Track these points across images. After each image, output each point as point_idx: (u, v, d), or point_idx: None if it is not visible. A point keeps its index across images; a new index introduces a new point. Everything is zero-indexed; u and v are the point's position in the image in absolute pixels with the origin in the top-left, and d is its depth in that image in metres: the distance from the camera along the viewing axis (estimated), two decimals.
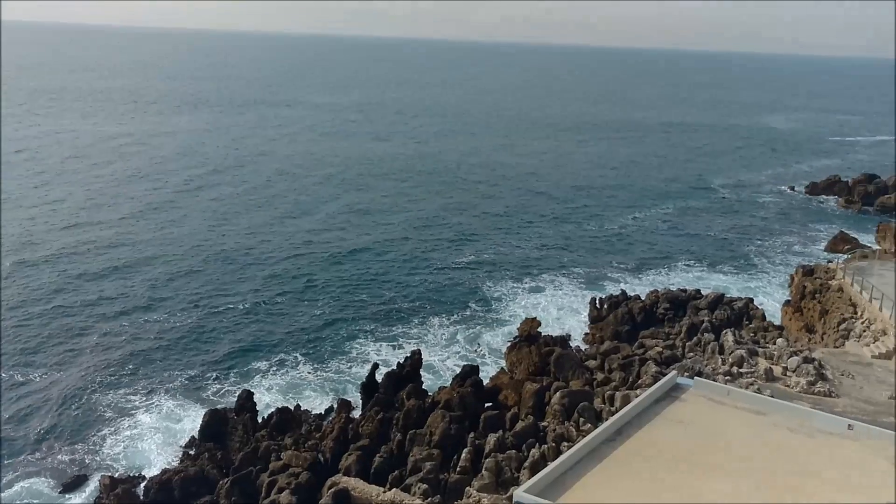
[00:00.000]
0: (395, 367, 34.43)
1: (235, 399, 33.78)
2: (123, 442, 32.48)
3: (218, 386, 37.61)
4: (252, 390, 34.64)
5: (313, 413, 34.10)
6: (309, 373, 39.24)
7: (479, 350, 42.46)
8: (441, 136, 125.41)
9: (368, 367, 35.88)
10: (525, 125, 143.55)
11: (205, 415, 32.29)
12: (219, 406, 34.12)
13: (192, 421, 33.65)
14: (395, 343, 42.95)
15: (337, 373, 39.38)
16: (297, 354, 41.00)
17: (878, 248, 54.31)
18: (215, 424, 31.71)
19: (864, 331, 34.21)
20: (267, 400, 35.89)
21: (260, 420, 32.46)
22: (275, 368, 39.52)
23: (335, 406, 33.97)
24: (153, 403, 35.60)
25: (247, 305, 47.13)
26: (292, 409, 33.34)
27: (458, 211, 72.55)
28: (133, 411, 34.82)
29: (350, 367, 39.92)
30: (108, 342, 41.40)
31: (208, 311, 46.12)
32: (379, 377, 33.79)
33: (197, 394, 36.77)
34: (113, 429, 33.38)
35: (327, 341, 42.75)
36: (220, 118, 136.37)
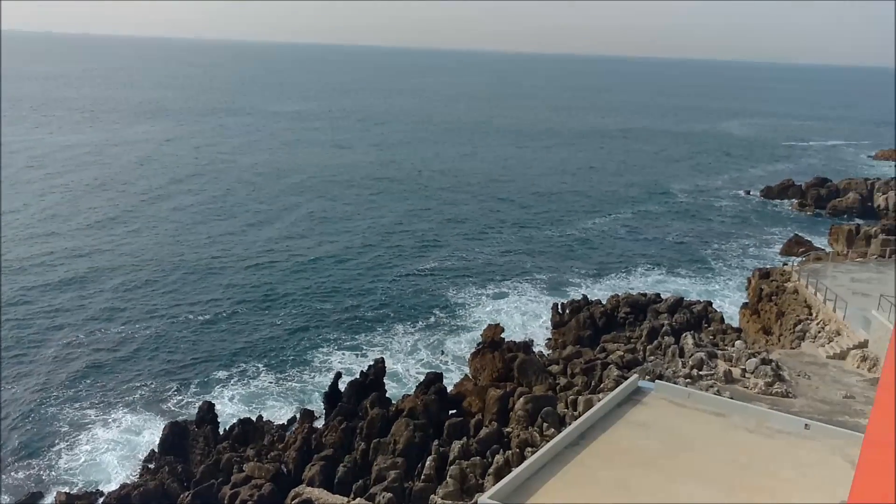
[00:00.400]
0: (358, 376, 34.24)
1: (196, 411, 33.29)
2: (81, 457, 31.78)
3: (178, 397, 37.03)
4: (213, 401, 34.17)
5: (276, 423, 33.73)
6: (271, 383, 38.84)
7: (442, 357, 42.45)
8: (404, 143, 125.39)
9: (331, 375, 35.63)
10: (488, 132, 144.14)
11: (165, 427, 31.76)
12: (179, 418, 33.58)
13: (151, 434, 33.08)
14: (359, 351, 42.74)
15: (299, 382, 39.05)
16: (259, 364, 40.57)
17: (830, 250, 55.58)
18: (176, 437, 31.21)
19: (819, 332, 34.94)
20: (229, 411, 35.43)
21: (221, 431, 32.03)
22: (236, 379, 39.04)
23: (298, 416, 33.68)
24: (111, 417, 34.92)
25: (207, 315, 46.54)
26: (254, 419, 32.96)
27: (420, 218, 72.58)
28: (91, 425, 34.11)
29: (313, 377, 39.62)
30: (65, 354, 40.54)
31: (168, 321, 45.44)
32: (342, 386, 33.57)
33: (157, 406, 36.16)
34: (69, 443, 32.65)
35: (289, 350, 42.38)
36: (180, 127, 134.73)
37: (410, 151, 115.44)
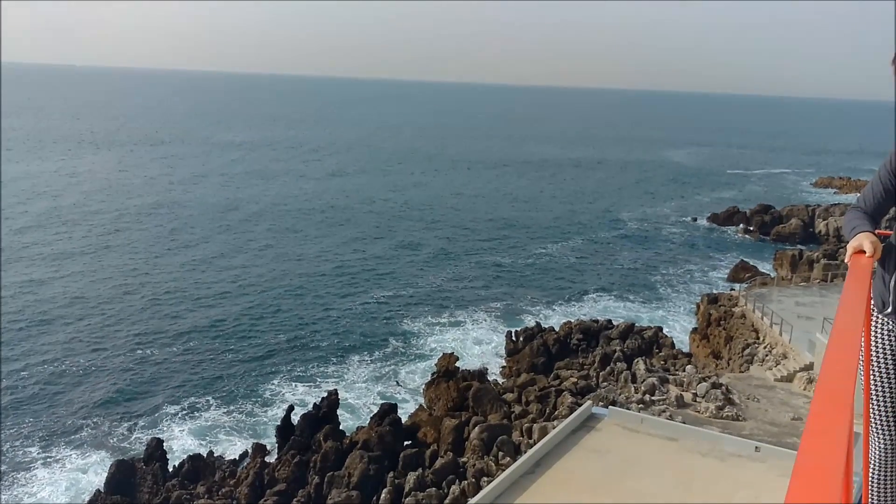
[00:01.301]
0: (311, 408, 33.79)
1: (144, 447, 32.40)
2: (20, 499, 30.61)
3: (125, 433, 35.99)
4: (162, 437, 33.30)
5: (227, 459, 32.99)
6: (222, 417, 38.03)
7: (397, 387, 42.15)
8: (353, 173, 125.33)
9: (284, 408, 35.07)
10: (437, 161, 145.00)
11: (111, 466, 30.81)
12: (126, 455, 32.60)
13: (97, 473, 32.03)
14: (312, 383, 42.18)
15: (251, 416, 38.32)
16: (210, 398, 39.73)
17: (775, 275, 56.98)
18: (123, 475, 30.28)
19: (767, 355, 35.66)
20: (178, 446, 34.55)
21: (171, 468, 31.21)
22: (186, 413, 38.14)
23: (250, 450, 33.01)
24: (54, 455, 33.75)
25: (155, 348, 45.51)
26: (205, 455, 32.20)
27: (373, 246, 72.39)
28: (31, 465, 32.89)
29: (265, 410, 38.92)
30: (1, 390, 39.16)
31: (114, 354, 44.29)
32: (295, 419, 33.08)
33: (103, 443, 35.07)
34: (8, 484, 31.41)
35: (241, 383, 41.61)
36: (127, 158, 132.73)
37: (360, 181, 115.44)
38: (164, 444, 32.33)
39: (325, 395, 34.41)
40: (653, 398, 29.92)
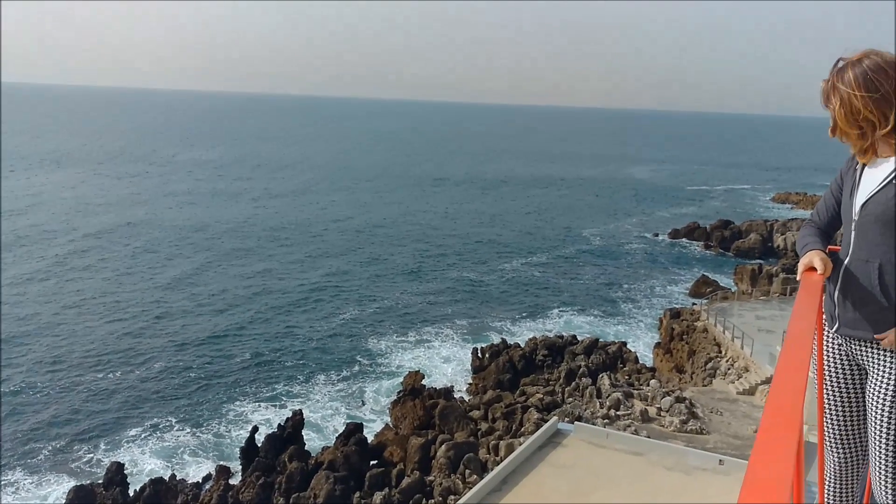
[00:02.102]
0: (276, 429, 33.43)
1: (104, 471, 31.72)
2: None
3: (85, 457, 35.21)
4: (123, 460, 32.65)
5: (190, 482, 32.42)
6: (185, 438, 37.42)
7: (363, 406, 41.89)
8: (321, 191, 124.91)
9: (248, 429, 34.65)
10: (403, 180, 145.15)
11: (70, 491, 30.10)
12: (86, 480, 31.88)
13: (56, 498, 31.28)
14: (278, 402, 41.73)
15: (215, 436, 37.76)
16: (172, 419, 39.08)
17: (736, 289, 57.88)
18: (81, 501, 29.61)
19: (729, 369, 36.16)
20: (140, 470, 33.88)
21: (132, 493, 30.59)
22: (147, 435, 37.45)
23: (213, 473, 32.52)
24: (11, 480, 32.90)
25: (115, 368, 44.69)
26: (167, 478, 31.63)
27: (338, 265, 72.07)
28: None
29: (229, 431, 38.38)
30: None
31: (71, 375, 43.38)
32: (259, 440, 32.69)
33: (62, 467, 34.26)
34: None
35: (204, 404, 41.01)
36: (90, 178, 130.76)
37: (327, 199, 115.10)
38: (125, 467, 31.71)
39: (290, 415, 34.10)
40: (618, 413, 30.15)
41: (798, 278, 3.27)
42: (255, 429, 33.88)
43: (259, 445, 32.25)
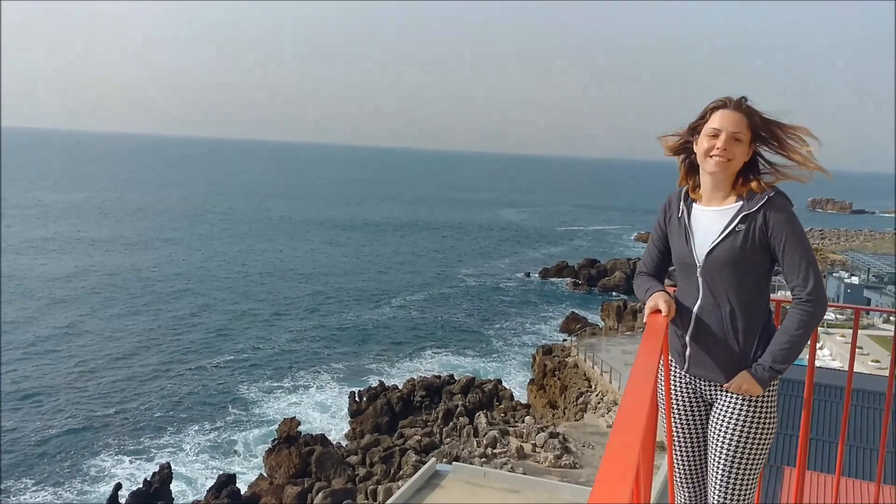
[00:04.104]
0: (142, 484, 31.72)
1: None
2: None
3: None
4: None
5: None
6: (40, 499, 34.81)
7: (236, 457, 40.40)
8: (182, 239, 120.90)
9: (111, 486, 32.69)
10: (267, 223, 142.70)
11: None
12: None
13: None
14: (145, 455, 39.55)
15: (78, 494, 35.30)
16: (28, 479, 36.26)
17: (603, 325, 60.21)
18: None
19: (599, 403, 37.45)
20: None
21: None
22: None
23: None
24: None
25: None
26: None
27: (209, 311, 69.72)
28: None
29: (91, 488, 35.95)
30: None
31: None
32: (123, 497, 30.90)
33: None
34: None
35: (64, 461, 38.30)
36: None
37: (189, 246, 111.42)
38: None
39: (157, 468, 32.47)
40: (495, 451, 30.54)
41: (644, 320, 3.44)
42: (119, 486, 32.04)
43: (123, 503, 30.46)
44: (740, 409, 3.45)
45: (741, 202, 3.43)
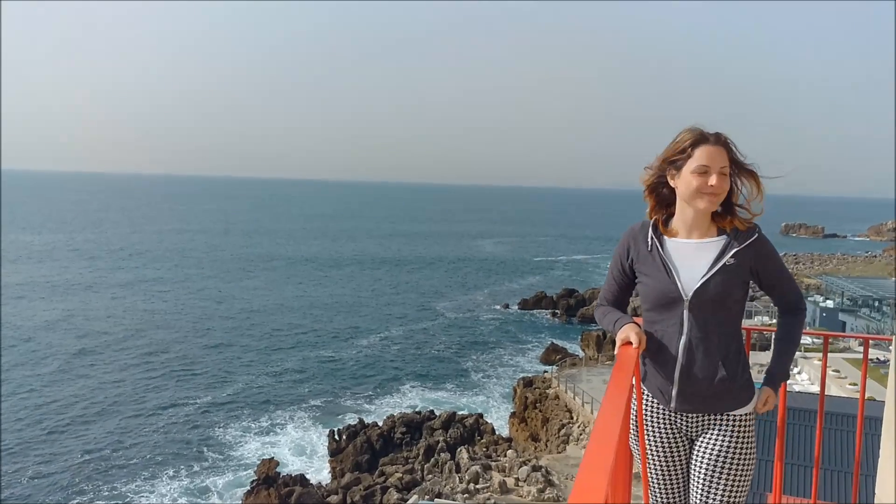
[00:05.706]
0: None
1: None
2: None
3: None
4: None
5: None
6: None
7: (215, 500, 39.61)
8: (162, 278, 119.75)
9: None
10: (250, 261, 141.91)
11: None
12: None
13: None
14: (120, 502, 38.69)
15: None
16: None
17: (583, 355, 60.18)
18: None
19: (581, 434, 37.26)
20: None
21: None
22: None
23: None
24: None
25: None
26: None
27: (184, 350, 68.79)
28: None
29: None
30: None
31: None
32: None
33: None
34: None
35: None
36: None
37: (161, 283, 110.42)
38: None
39: None
40: (477, 486, 30.18)
41: (616, 352, 3.37)
42: None
43: None
44: (728, 441, 3.43)
45: (724, 236, 3.46)
